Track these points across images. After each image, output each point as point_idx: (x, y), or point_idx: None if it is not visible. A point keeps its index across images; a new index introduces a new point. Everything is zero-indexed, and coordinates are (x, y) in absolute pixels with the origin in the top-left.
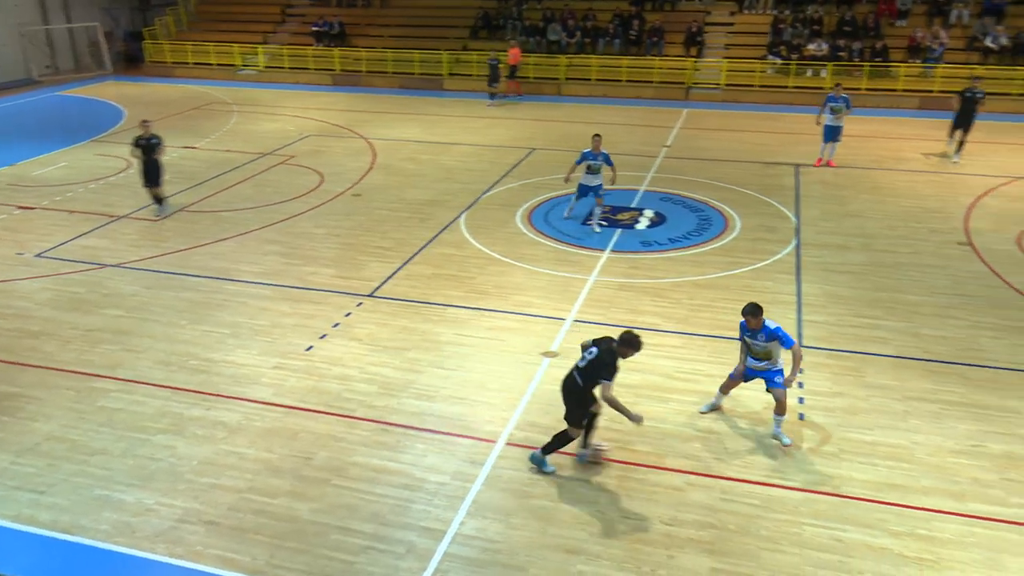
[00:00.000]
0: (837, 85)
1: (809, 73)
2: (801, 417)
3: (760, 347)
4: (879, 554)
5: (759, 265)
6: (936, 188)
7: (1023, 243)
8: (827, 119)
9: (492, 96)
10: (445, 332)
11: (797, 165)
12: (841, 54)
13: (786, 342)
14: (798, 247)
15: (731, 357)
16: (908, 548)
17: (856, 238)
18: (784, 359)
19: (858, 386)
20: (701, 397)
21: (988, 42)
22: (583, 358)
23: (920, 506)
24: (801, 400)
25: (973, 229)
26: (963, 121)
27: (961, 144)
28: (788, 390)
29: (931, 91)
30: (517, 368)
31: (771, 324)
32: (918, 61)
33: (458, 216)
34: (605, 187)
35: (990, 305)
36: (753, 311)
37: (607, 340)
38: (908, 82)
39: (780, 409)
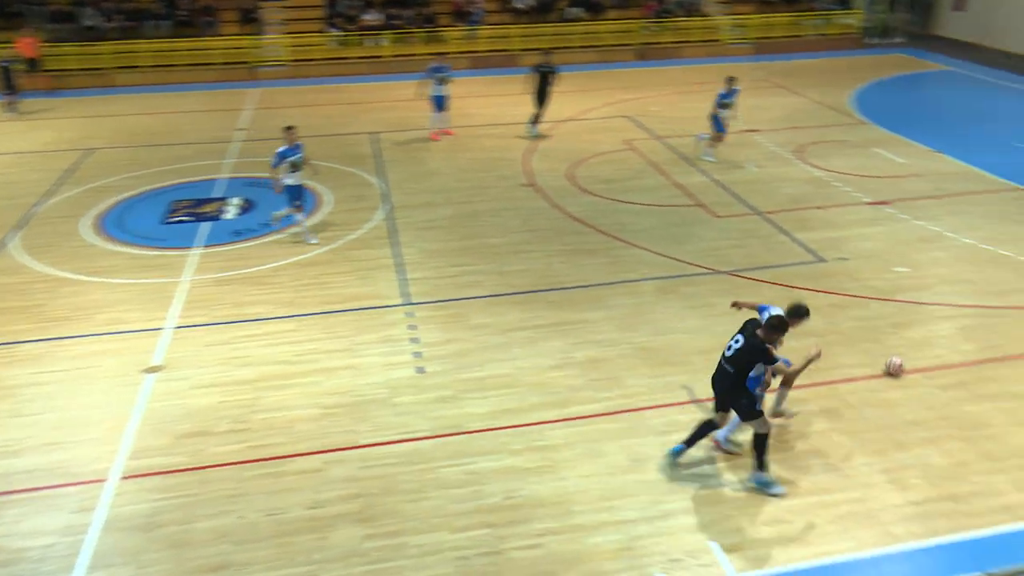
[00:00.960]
0: (440, 55)
1: (369, 43)
2: (420, 371)
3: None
4: (506, 473)
5: (356, 235)
6: (497, 140)
7: (571, 175)
8: (436, 89)
9: (10, 104)
10: (19, 374)
11: (374, 133)
12: (396, 22)
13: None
14: (390, 211)
15: (344, 329)
16: (529, 461)
17: (439, 194)
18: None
19: (464, 329)
20: (324, 375)
21: (517, 3)
22: (729, 347)
23: (531, 422)
24: (418, 355)
25: (533, 171)
26: (541, 97)
27: (537, 118)
28: None
29: (477, 51)
30: (116, 393)
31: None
32: (464, 25)
33: (6, 237)
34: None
35: (556, 234)
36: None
37: (752, 324)
38: (458, 44)
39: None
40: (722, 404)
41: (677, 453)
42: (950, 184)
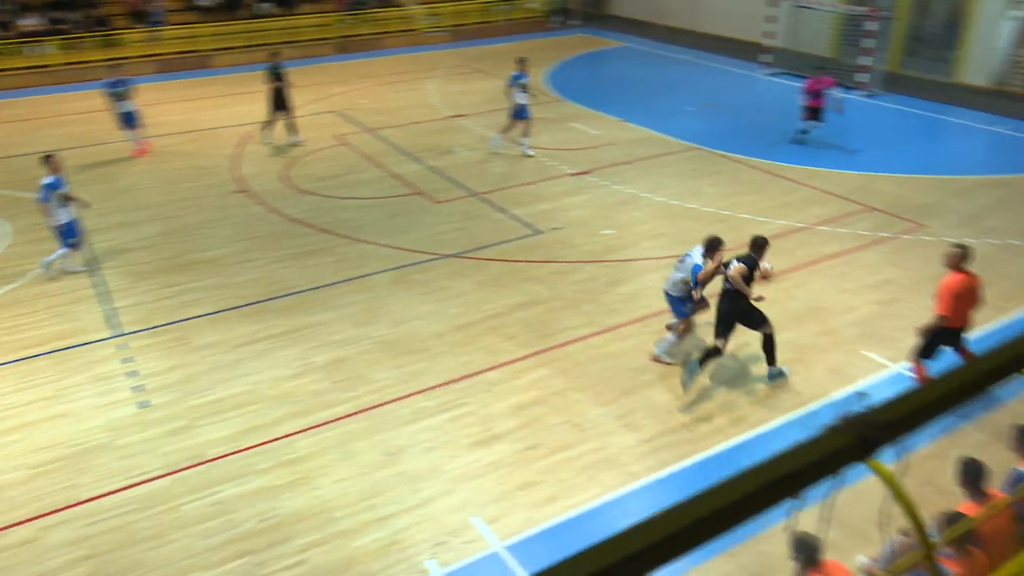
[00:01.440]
0: (118, 61)
1: (30, 51)
2: (144, 405)
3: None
4: (257, 495)
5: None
6: (200, 145)
7: (285, 176)
8: (119, 106)
9: None
10: None
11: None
12: (62, 27)
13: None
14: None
15: (46, 374)
16: (280, 477)
17: (140, 211)
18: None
19: (188, 352)
20: (28, 431)
21: (201, 1)
22: (727, 281)
23: (277, 436)
24: (139, 388)
25: (244, 176)
26: (279, 102)
27: (271, 124)
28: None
29: (163, 54)
30: None
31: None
32: (143, 26)
33: None
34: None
35: (277, 239)
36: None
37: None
38: (140, 48)
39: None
40: (725, 327)
41: (692, 373)
42: (638, 149)
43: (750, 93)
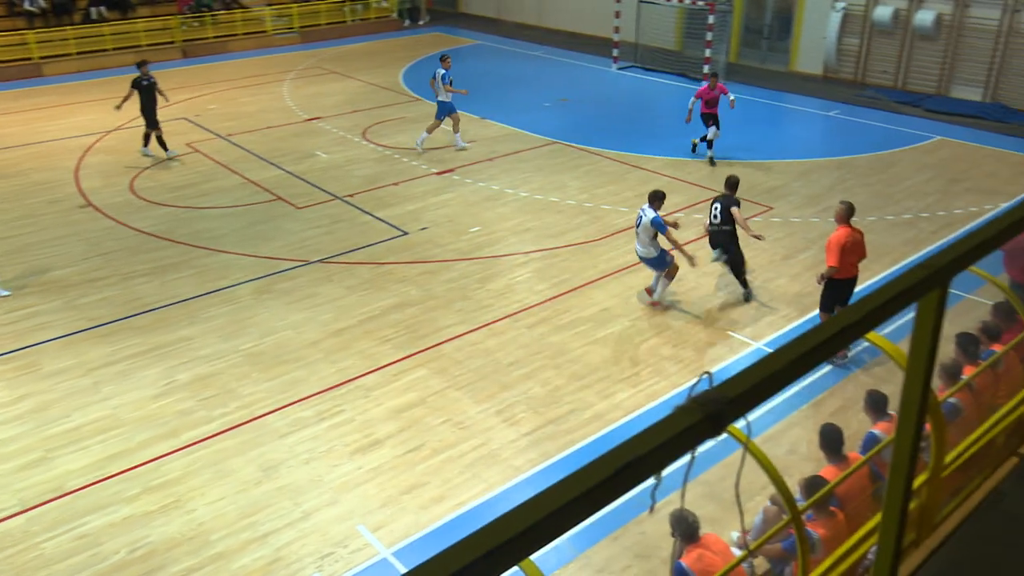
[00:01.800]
0: None
1: None
2: None
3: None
4: (126, 524)
5: None
6: (37, 160)
7: (135, 188)
8: None
9: None
10: None
11: None
12: None
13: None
14: None
15: None
16: (150, 503)
17: None
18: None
19: (39, 380)
20: None
21: (27, 5)
22: (715, 216)
23: (144, 461)
24: None
25: (87, 189)
26: (149, 113)
27: (154, 138)
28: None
29: None
30: None
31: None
32: None
33: None
34: None
35: (131, 254)
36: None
37: (722, 198)
38: None
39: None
40: (726, 250)
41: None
42: (500, 146)
43: (604, 87)
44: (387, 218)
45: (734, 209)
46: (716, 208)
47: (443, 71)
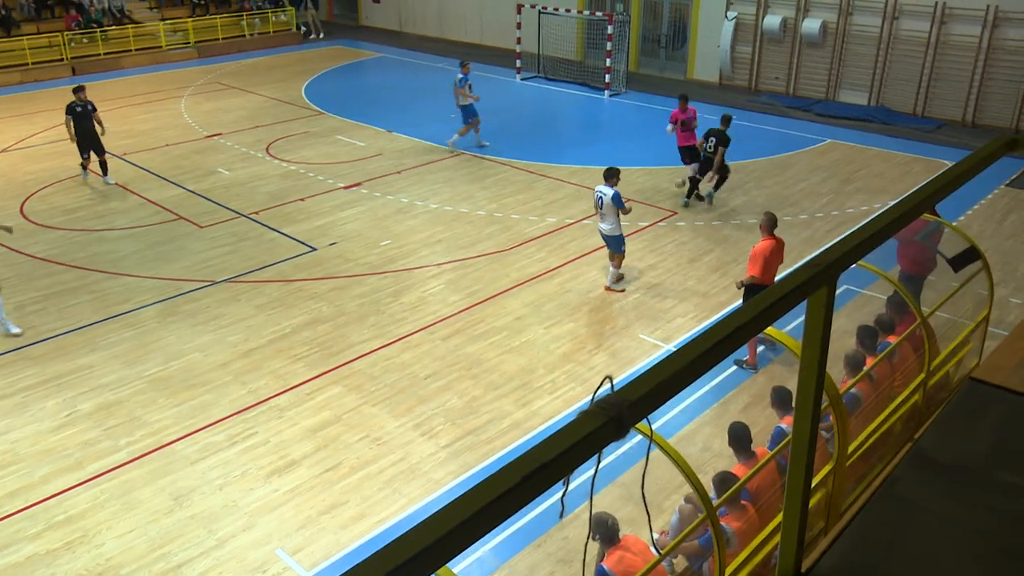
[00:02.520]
0: None
1: None
2: None
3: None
4: (29, 564)
5: None
6: None
7: (26, 211)
8: None
9: None
10: None
11: None
12: None
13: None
14: None
15: None
16: (54, 540)
17: None
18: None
19: None
20: None
21: None
22: (708, 144)
23: (46, 496)
24: None
25: None
26: (87, 139)
27: (87, 164)
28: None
29: None
30: None
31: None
32: None
33: None
34: None
35: (23, 280)
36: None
37: (715, 132)
38: None
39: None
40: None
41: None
42: (408, 159)
43: (508, 97)
44: (294, 234)
45: (721, 149)
46: (712, 140)
47: (461, 75)
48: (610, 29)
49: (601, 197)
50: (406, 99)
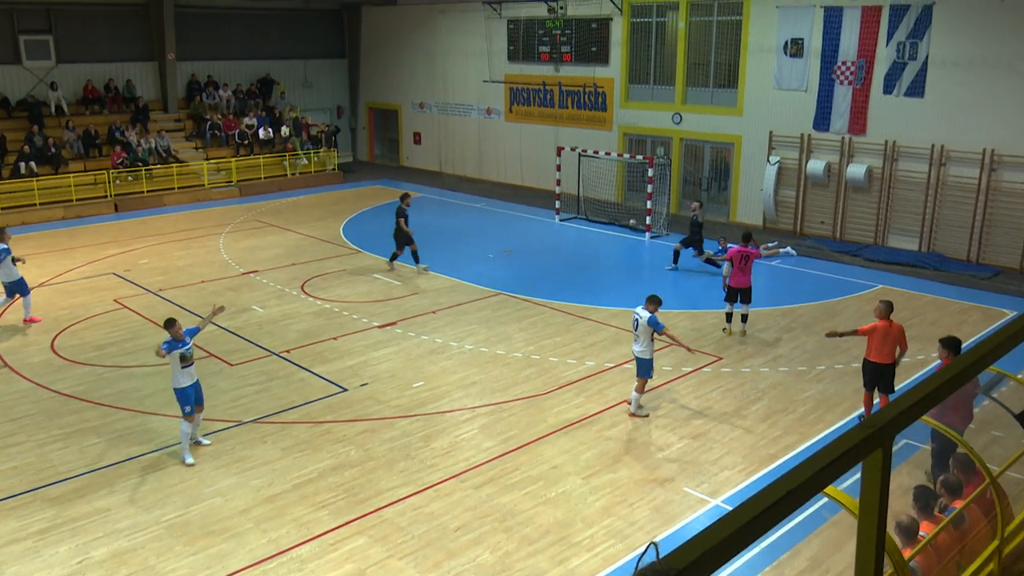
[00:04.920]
0: None
1: None
2: None
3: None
4: None
5: None
6: None
7: (56, 347)
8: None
9: None
10: None
11: None
12: None
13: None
14: None
15: None
16: None
17: None
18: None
19: None
20: None
21: None
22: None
23: None
24: None
25: (4, 350)
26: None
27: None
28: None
29: None
30: None
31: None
32: None
33: None
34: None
35: (47, 418)
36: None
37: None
38: None
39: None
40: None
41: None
42: (444, 298)
43: (547, 238)
44: (325, 374)
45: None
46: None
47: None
48: (651, 172)
49: (637, 319)
50: (445, 239)
